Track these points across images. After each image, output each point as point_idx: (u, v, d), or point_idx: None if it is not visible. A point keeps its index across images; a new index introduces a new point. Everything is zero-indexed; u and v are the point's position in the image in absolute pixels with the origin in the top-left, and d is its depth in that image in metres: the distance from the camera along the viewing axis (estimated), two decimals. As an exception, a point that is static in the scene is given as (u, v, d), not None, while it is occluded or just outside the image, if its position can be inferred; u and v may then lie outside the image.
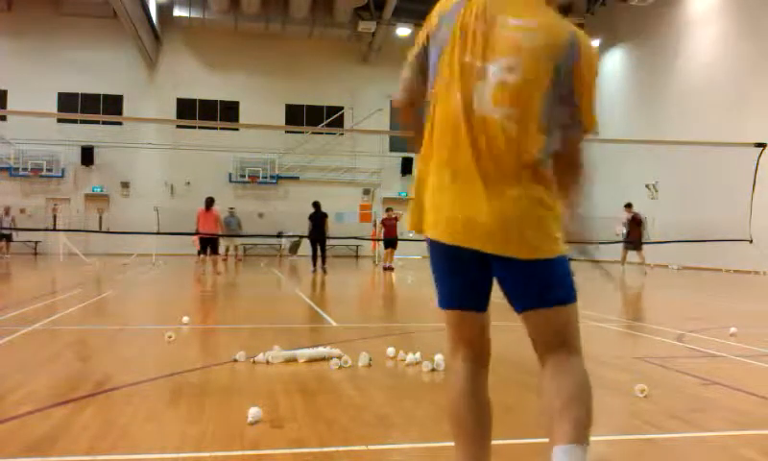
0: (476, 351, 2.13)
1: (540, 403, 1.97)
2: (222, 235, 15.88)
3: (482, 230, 1.89)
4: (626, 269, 17.34)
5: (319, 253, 16.64)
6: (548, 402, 1.93)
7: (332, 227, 18.30)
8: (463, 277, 2.05)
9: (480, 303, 2.09)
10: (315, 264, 16.52)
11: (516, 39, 1.90)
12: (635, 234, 16.96)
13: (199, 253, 15.30)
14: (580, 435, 1.86)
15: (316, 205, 17.01)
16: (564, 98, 1.92)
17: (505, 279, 1.99)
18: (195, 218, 15.17)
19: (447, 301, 2.11)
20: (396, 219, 18.75)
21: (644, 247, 17.08)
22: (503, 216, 1.87)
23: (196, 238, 15.44)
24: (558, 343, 1.97)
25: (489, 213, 1.88)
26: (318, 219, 16.87)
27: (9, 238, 22.44)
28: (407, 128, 2.23)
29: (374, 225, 23.11)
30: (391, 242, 18.45)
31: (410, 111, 2.20)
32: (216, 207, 15.17)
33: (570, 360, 1.97)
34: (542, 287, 1.95)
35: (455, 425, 2.11)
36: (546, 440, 1.93)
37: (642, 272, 16.81)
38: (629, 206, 17.39)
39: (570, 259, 2.01)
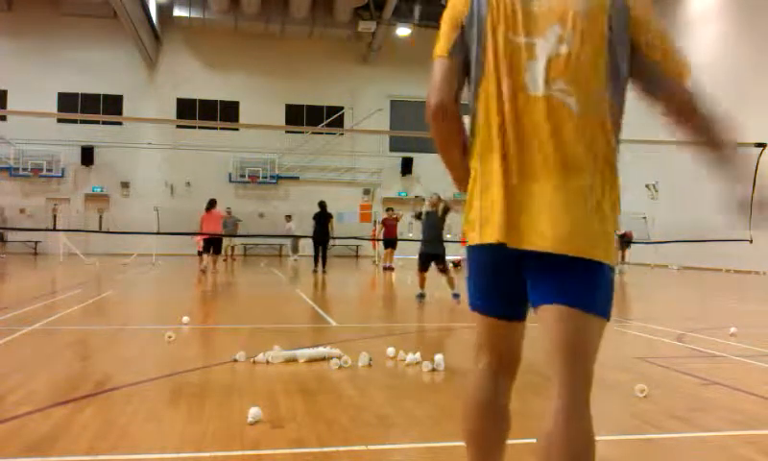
0: (505, 361, 1.96)
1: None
2: (223, 235, 15.92)
3: (546, 227, 1.68)
4: (623, 269, 17.37)
5: (320, 253, 16.62)
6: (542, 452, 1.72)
7: (333, 227, 18.28)
8: (510, 282, 1.84)
9: (521, 311, 1.91)
10: (317, 264, 16.51)
11: (560, 6, 1.72)
12: (626, 234, 17.23)
13: (200, 253, 15.40)
14: None
15: (322, 204, 16.95)
16: (627, 56, 1.72)
17: (541, 271, 1.74)
18: (198, 222, 15.37)
19: (486, 306, 1.91)
20: (396, 219, 18.70)
21: (633, 246, 17.25)
22: (568, 211, 1.67)
23: (199, 239, 15.54)
24: (574, 360, 1.71)
25: (552, 209, 1.68)
26: (322, 219, 16.80)
27: (1, 238, 22.46)
28: (444, 134, 1.89)
29: (374, 224, 23.10)
30: (391, 242, 18.45)
31: (455, 109, 1.85)
32: (217, 208, 15.35)
33: (577, 406, 1.70)
34: (583, 287, 1.71)
35: (468, 435, 1.99)
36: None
37: (620, 270, 16.97)
38: None
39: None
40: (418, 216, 10.39)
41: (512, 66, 1.75)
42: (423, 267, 9.69)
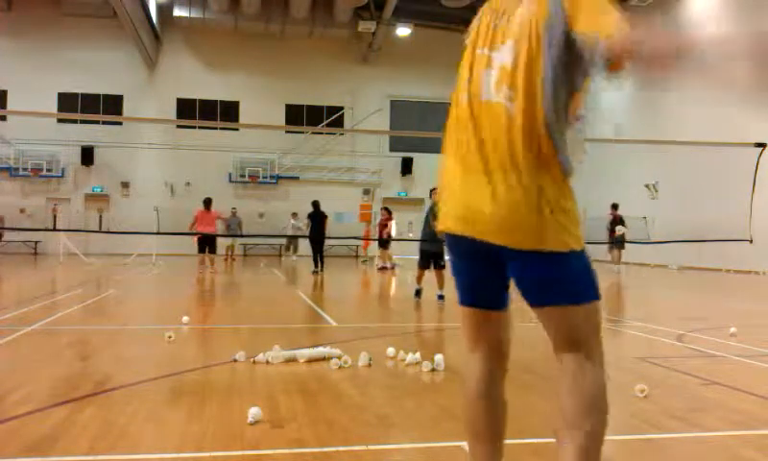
0: (493, 351, 2.07)
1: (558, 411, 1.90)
2: (219, 235, 15.93)
3: (488, 219, 1.85)
4: (620, 269, 17.38)
5: (318, 252, 16.59)
6: (560, 415, 1.86)
7: (332, 227, 18.29)
8: (474, 270, 2.03)
9: (496, 301, 2.05)
10: (317, 265, 16.52)
11: (516, 24, 1.92)
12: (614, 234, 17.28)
13: (199, 252, 15.45)
14: (590, 454, 1.79)
15: (315, 204, 16.98)
16: (565, 48, 1.81)
17: (516, 273, 1.93)
18: (192, 218, 15.33)
19: (463, 296, 2.09)
20: (387, 219, 18.58)
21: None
22: (508, 205, 1.82)
23: (195, 238, 15.55)
24: (570, 343, 1.88)
25: (494, 202, 1.84)
26: (319, 218, 16.82)
27: None
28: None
29: (368, 225, 23.08)
30: (384, 242, 18.37)
31: None
32: (214, 209, 15.43)
33: (584, 367, 1.86)
34: (552, 283, 1.86)
35: (467, 424, 2.09)
36: (548, 440, 1.93)
37: (616, 270, 17.02)
38: (615, 206, 17.64)
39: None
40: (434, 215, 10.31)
41: (473, 76, 1.98)
42: (426, 264, 9.67)
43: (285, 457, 2.85)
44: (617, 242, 17.09)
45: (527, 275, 1.90)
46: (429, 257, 9.59)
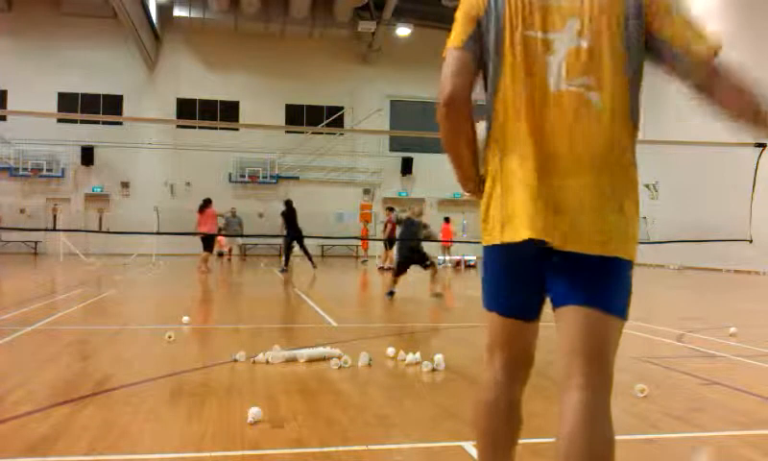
0: (518, 361, 1.93)
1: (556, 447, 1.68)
2: (215, 234, 16.04)
3: (570, 227, 1.66)
4: None
5: (298, 250, 16.48)
6: (560, 449, 1.66)
7: (333, 227, 18.25)
8: (524, 279, 1.83)
9: (535, 311, 1.88)
10: (287, 262, 16.53)
11: (576, 2, 1.71)
12: None
13: (220, 254, 15.68)
14: None
15: (288, 202, 16.65)
16: (644, 43, 1.69)
17: (563, 271, 1.73)
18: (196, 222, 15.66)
19: (504, 307, 1.88)
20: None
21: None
22: (588, 209, 1.66)
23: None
24: (591, 357, 1.69)
25: (579, 207, 1.66)
26: (293, 216, 16.59)
27: None
28: (456, 129, 1.84)
29: (365, 224, 23.05)
30: (392, 242, 18.25)
31: (468, 105, 1.82)
32: (211, 208, 15.56)
33: (601, 405, 1.67)
34: (606, 287, 1.71)
35: (480, 435, 1.94)
36: (550, 440, 1.91)
37: None
38: None
39: None
40: (399, 221, 10.82)
41: (531, 63, 1.72)
42: (403, 271, 10.14)
43: (285, 457, 2.85)
44: None
45: (575, 272, 1.71)
46: (409, 263, 10.05)
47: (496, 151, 1.79)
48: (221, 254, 18.99)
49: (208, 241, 15.37)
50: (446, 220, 21.31)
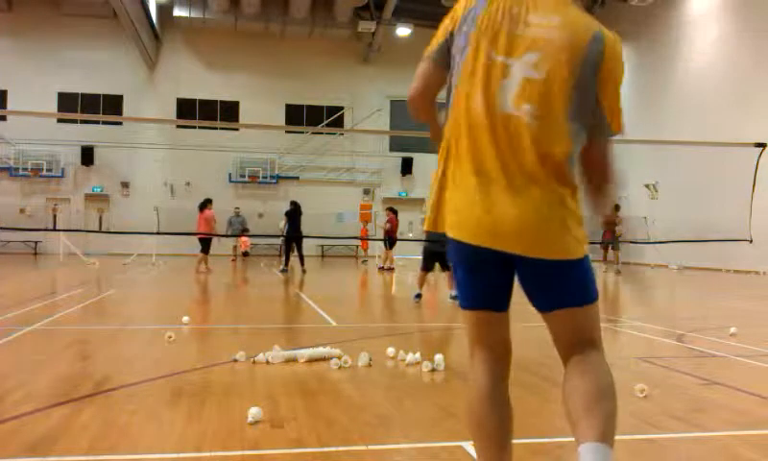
0: (496, 353, 2.10)
1: (565, 404, 1.92)
2: (214, 235, 16.15)
3: (509, 230, 1.87)
4: (619, 269, 17.41)
5: (295, 251, 16.52)
6: (575, 400, 1.89)
7: (333, 227, 18.27)
8: (486, 277, 2.03)
9: (502, 304, 2.08)
10: (287, 262, 16.56)
11: (541, 36, 1.88)
12: (607, 235, 17.24)
13: (245, 253, 15.85)
14: (608, 434, 1.82)
15: (294, 203, 16.81)
16: (589, 98, 1.90)
17: (530, 280, 1.98)
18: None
19: (469, 301, 2.09)
20: (392, 219, 18.44)
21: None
22: (530, 217, 1.86)
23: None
24: (583, 341, 1.97)
25: (515, 214, 1.86)
26: (297, 216, 16.63)
27: None
28: (420, 121, 2.21)
29: (365, 224, 23.05)
30: (392, 242, 18.24)
31: (425, 104, 2.16)
32: (209, 209, 15.72)
33: (596, 358, 1.96)
34: (571, 287, 1.95)
35: (475, 428, 2.08)
36: (547, 439, 1.93)
37: (616, 270, 17.05)
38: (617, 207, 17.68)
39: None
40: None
41: (488, 81, 1.91)
42: (431, 266, 9.53)
43: (285, 457, 2.85)
44: (612, 243, 17.13)
45: (544, 282, 1.96)
46: (435, 259, 9.43)
47: (449, 158, 2.01)
48: (245, 254, 19.24)
49: (206, 242, 15.41)
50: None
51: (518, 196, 1.86)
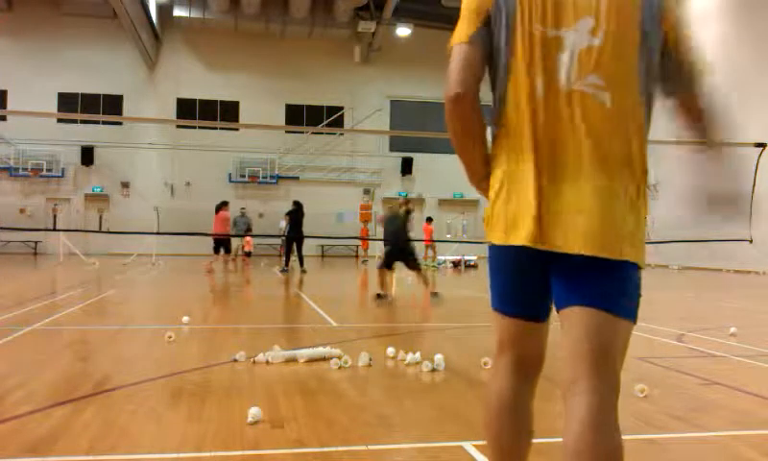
0: (528, 363, 1.89)
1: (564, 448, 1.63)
2: (231, 235, 16.52)
3: (578, 230, 1.63)
4: None
5: (295, 252, 16.64)
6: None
7: (333, 227, 18.30)
8: (531, 281, 1.79)
9: (543, 311, 1.86)
10: (287, 263, 16.65)
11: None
12: None
13: (248, 253, 17.04)
14: None
15: (297, 203, 16.92)
16: (658, 51, 1.68)
17: (571, 272, 1.69)
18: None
19: (510, 307, 1.85)
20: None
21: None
22: (605, 213, 1.63)
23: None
24: (602, 360, 1.64)
25: (585, 211, 1.63)
26: (298, 217, 16.72)
27: None
28: (465, 126, 1.79)
29: (367, 224, 23.07)
30: None
31: (476, 103, 1.76)
32: (225, 211, 16.13)
33: (608, 410, 1.61)
34: (615, 289, 1.67)
35: (491, 439, 1.89)
36: (547, 440, 1.91)
37: None
38: None
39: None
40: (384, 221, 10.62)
41: (542, 60, 1.68)
42: (390, 265, 9.87)
43: (285, 457, 2.85)
44: None
45: (588, 276, 1.67)
46: (395, 259, 9.81)
47: (503, 150, 1.76)
48: (248, 254, 19.53)
49: (224, 242, 15.85)
50: (428, 220, 21.57)
51: (589, 190, 1.64)
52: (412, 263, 9.75)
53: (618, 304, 1.66)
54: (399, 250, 9.79)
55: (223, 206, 16.01)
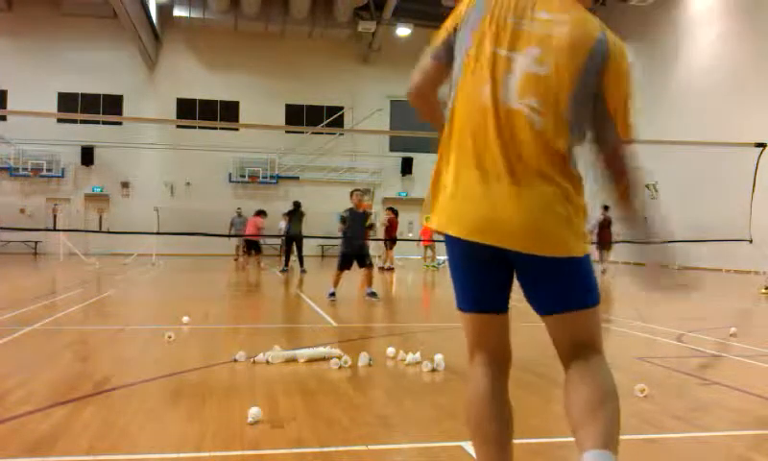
0: (496, 355, 2.05)
1: (567, 411, 1.87)
2: (258, 236, 17.85)
3: (509, 227, 1.83)
4: (607, 268, 17.41)
5: (294, 252, 16.79)
6: (576, 406, 1.84)
7: (332, 227, 18.34)
8: (484, 276, 1.99)
9: (501, 305, 2.03)
10: (287, 262, 16.79)
11: (546, 32, 1.87)
12: (606, 236, 17.16)
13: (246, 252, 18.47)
14: (611, 440, 1.76)
15: (296, 204, 17.18)
16: (590, 99, 1.87)
17: (529, 279, 1.93)
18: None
19: (467, 302, 2.04)
20: (392, 219, 18.53)
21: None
22: (531, 212, 1.82)
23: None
24: (584, 345, 1.92)
25: (516, 210, 1.82)
26: (297, 217, 16.91)
27: None
28: (423, 115, 2.20)
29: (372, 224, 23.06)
30: (393, 242, 18.30)
31: (421, 98, 2.16)
32: (258, 218, 18.29)
33: (598, 362, 1.91)
34: (571, 288, 1.90)
35: (474, 430, 2.03)
36: (547, 439, 1.93)
37: (602, 270, 17.11)
38: (607, 208, 17.62)
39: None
40: (343, 220, 10.56)
41: (490, 75, 1.90)
42: (347, 266, 9.88)
43: (285, 457, 2.85)
44: (606, 243, 17.11)
45: (543, 281, 1.91)
46: (352, 260, 9.84)
47: (448, 145, 1.98)
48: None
49: (255, 243, 17.32)
50: (428, 220, 21.37)
51: (520, 190, 1.83)
52: (369, 263, 9.89)
53: (586, 298, 1.92)
54: (359, 250, 9.94)
55: (259, 213, 18.08)
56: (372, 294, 9.69)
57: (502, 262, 1.93)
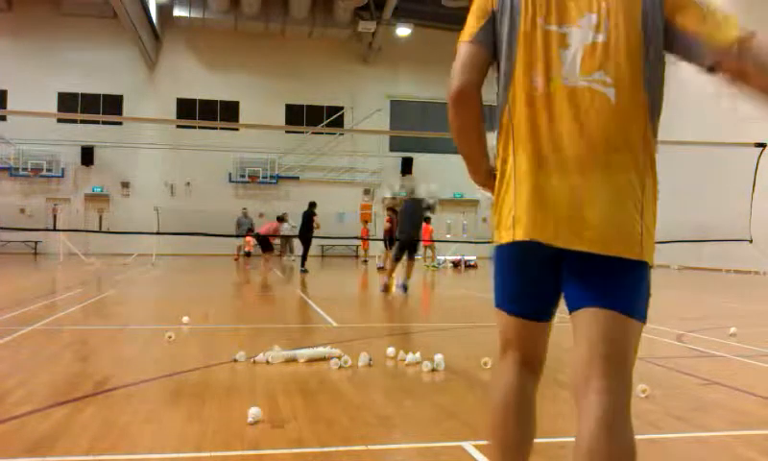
0: (532, 358, 1.88)
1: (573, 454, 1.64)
2: (269, 235, 17.85)
3: (585, 227, 1.61)
4: None
5: (297, 251, 17.05)
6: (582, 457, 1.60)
7: (333, 227, 18.42)
8: (539, 281, 1.78)
9: (549, 311, 1.85)
10: (304, 263, 16.88)
11: None
12: None
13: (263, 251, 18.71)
14: None
15: (311, 204, 17.33)
16: (662, 40, 1.65)
17: (583, 272, 1.68)
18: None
19: (515, 306, 1.84)
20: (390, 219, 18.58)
21: None
22: (603, 208, 1.61)
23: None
24: (612, 361, 1.63)
25: (595, 207, 1.61)
26: (307, 217, 17.07)
27: None
28: (467, 123, 1.81)
29: (365, 224, 23.11)
30: (392, 241, 18.32)
31: (474, 99, 1.77)
32: (278, 223, 19.00)
33: (618, 410, 1.64)
34: (624, 288, 1.65)
35: (493, 435, 1.87)
36: (548, 440, 1.91)
37: None
38: None
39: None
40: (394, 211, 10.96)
41: (546, 57, 1.68)
42: (402, 256, 10.23)
43: (285, 457, 2.85)
44: None
45: (594, 276, 1.66)
46: (407, 248, 10.18)
47: (508, 147, 1.75)
48: (248, 254, 20.04)
49: (263, 245, 17.36)
50: (427, 220, 21.53)
51: (594, 185, 1.62)
52: (413, 256, 10.20)
53: (633, 306, 1.66)
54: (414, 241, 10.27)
55: (280, 219, 19.01)
56: (405, 288, 9.85)
57: (558, 263, 1.72)
